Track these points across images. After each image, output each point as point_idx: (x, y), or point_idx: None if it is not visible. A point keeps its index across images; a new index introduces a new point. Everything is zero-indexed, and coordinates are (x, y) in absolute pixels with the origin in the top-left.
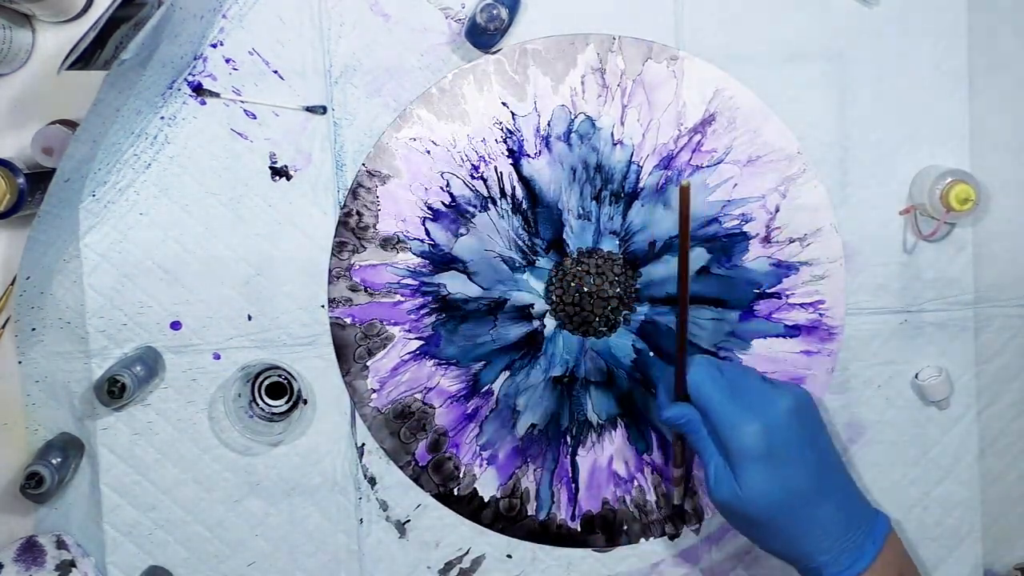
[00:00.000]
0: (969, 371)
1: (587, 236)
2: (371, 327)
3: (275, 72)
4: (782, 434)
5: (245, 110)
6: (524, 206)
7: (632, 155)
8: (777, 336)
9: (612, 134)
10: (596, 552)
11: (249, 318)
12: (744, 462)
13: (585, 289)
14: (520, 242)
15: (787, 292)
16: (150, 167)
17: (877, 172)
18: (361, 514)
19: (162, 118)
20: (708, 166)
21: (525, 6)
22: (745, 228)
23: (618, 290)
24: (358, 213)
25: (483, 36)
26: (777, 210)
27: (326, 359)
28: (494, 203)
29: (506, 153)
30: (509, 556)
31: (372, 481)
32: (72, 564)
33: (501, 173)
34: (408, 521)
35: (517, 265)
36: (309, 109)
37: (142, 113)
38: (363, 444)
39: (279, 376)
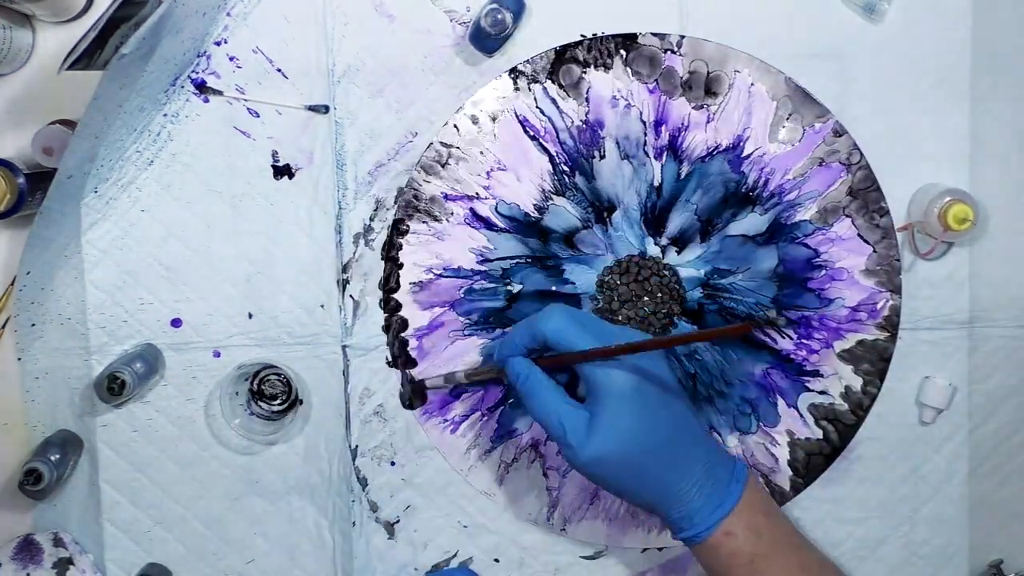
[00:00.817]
0: (962, 390)
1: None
2: None
3: (278, 71)
4: (653, 379)
5: (248, 108)
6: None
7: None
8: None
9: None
10: (584, 559)
11: (249, 316)
12: (619, 405)
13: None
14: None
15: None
16: (152, 164)
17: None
18: (354, 516)
19: (165, 115)
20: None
21: (529, 11)
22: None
23: (659, 294)
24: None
25: (487, 40)
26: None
27: (324, 359)
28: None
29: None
30: (496, 560)
31: (364, 483)
32: (70, 561)
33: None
34: (397, 522)
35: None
36: (311, 108)
37: (145, 110)
38: (356, 446)
39: (278, 376)
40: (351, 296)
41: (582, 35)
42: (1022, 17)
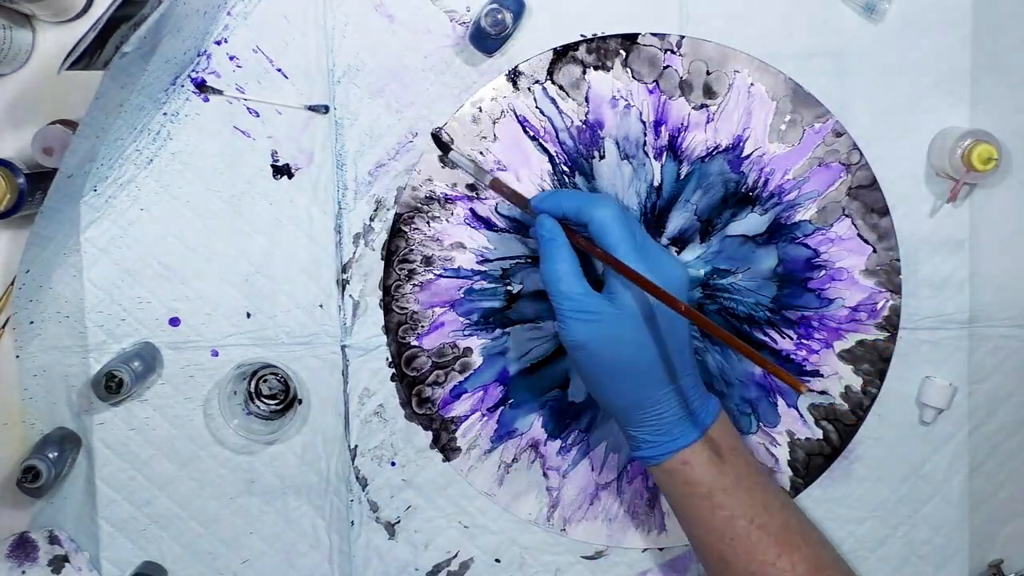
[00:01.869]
0: (962, 390)
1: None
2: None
3: (278, 70)
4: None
5: (248, 108)
6: None
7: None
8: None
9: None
10: (585, 559)
11: (248, 316)
12: (627, 308)
13: None
14: None
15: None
16: (152, 163)
17: (879, 183)
18: (353, 516)
19: (165, 114)
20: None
21: (529, 11)
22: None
23: None
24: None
25: (487, 40)
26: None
27: (323, 359)
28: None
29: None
30: (497, 560)
31: (364, 483)
32: (65, 559)
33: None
34: (398, 522)
35: None
36: (311, 108)
37: (145, 109)
38: (356, 446)
39: (275, 375)
40: (351, 296)
41: (582, 35)
42: (1022, 16)
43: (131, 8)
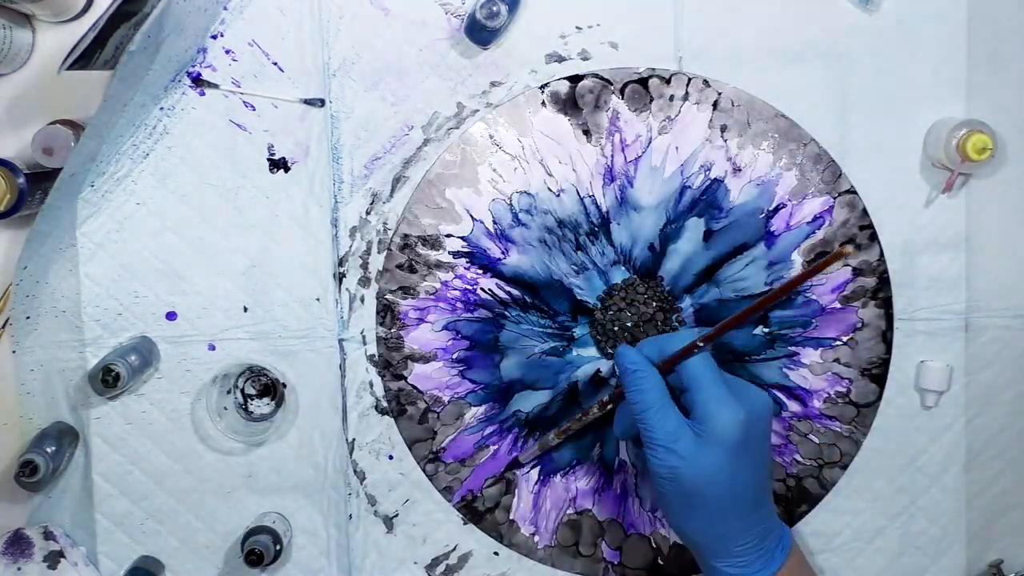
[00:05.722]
0: (959, 381)
1: (597, 283)
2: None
3: (274, 64)
4: (756, 430)
5: (244, 101)
6: (529, 300)
7: (578, 192)
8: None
9: (551, 188)
10: None
11: (245, 310)
12: (716, 444)
13: (629, 324)
14: (549, 330)
15: (788, 198)
16: (148, 157)
17: (876, 174)
18: (351, 509)
19: (161, 108)
20: (641, 154)
21: (525, 3)
22: (712, 175)
23: (654, 304)
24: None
25: (482, 32)
26: (725, 141)
27: (320, 352)
28: (504, 318)
29: (481, 271)
30: (496, 553)
31: (362, 476)
32: (60, 555)
33: (491, 290)
34: (396, 516)
35: (562, 350)
36: (307, 102)
37: (145, 106)
38: (353, 439)
39: (263, 377)
40: (347, 290)
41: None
42: (1017, 6)
43: (131, 7)
